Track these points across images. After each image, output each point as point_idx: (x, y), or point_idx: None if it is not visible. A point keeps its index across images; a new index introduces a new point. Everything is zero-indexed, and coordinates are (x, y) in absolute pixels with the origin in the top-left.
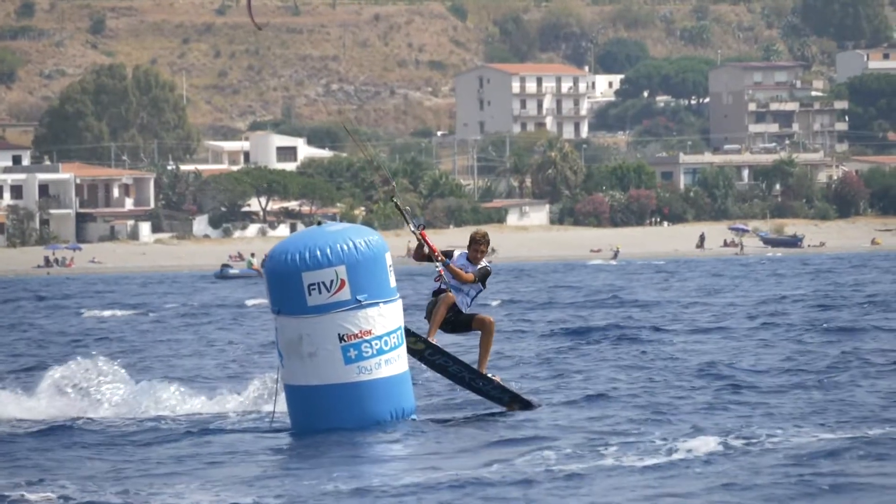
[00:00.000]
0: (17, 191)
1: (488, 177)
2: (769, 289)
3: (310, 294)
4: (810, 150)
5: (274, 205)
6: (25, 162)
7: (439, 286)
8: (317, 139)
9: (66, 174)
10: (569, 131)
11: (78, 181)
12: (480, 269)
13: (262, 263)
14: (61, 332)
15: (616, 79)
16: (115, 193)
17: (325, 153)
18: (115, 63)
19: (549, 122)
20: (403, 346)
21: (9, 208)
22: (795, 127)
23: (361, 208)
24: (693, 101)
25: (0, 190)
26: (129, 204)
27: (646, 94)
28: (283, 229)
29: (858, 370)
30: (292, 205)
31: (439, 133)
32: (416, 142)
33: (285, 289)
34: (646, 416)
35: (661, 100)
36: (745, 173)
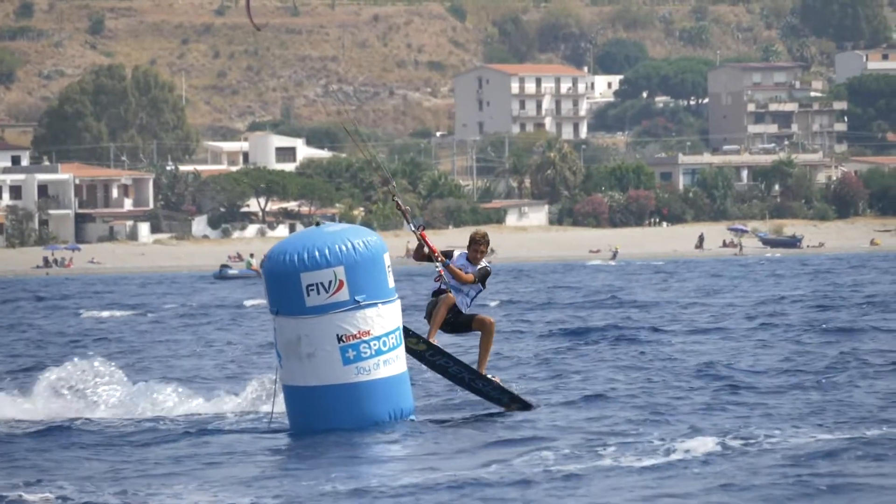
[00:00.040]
0: (16, 191)
1: (487, 177)
2: (768, 289)
3: (308, 295)
4: (809, 150)
5: (273, 205)
6: (24, 162)
7: (439, 286)
8: (316, 140)
9: (65, 175)
10: (568, 132)
11: (77, 182)
12: (480, 270)
13: (261, 264)
14: (60, 333)
15: (615, 79)
16: (114, 194)
17: (324, 154)
18: (115, 63)
19: (549, 122)
20: (402, 347)
21: (8, 209)
22: (794, 127)
23: (360, 209)
24: (692, 102)
25: None
26: (128, 204)
27: (645, 94)
28: (282, 230)
29: (857, 371)
30: (291, 205)
31: (438, 134)
32: (415, 142)
33: (284, 289)
34: (644, 416)
35: (660, 100)
36: (744, 174)
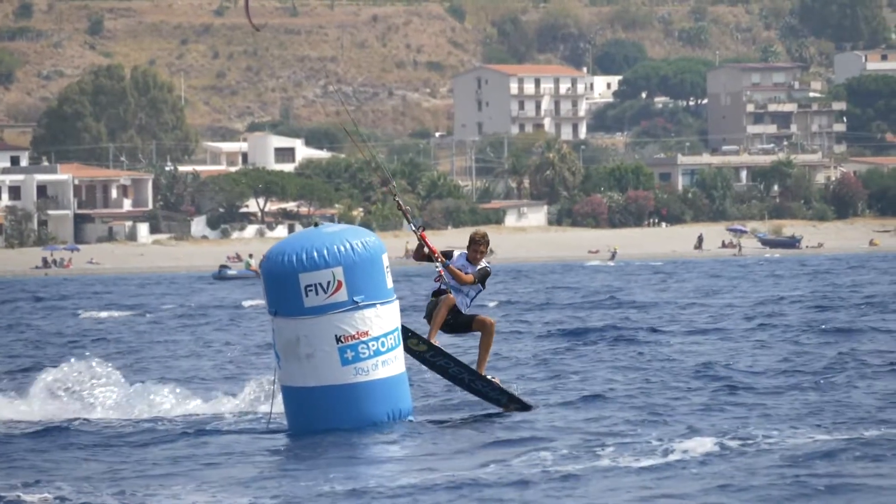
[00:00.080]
0: (15, 192)
1: (486, 178)
2: (767, 290)
3: (307, 295)
4: (808, 151)
5: (272, 206)
6: (23, 163)
7: (439, 286)
8: (315, 140)
9: (64, 175)
10: (567, 132)
11: (76, 182)
12: (480, 270)
13: (260, 264)
14: (58, 333)
15: (614, 80)
16: (114, 194)
17: (323, 154)
18: (114, 64)
19: (548, 123)
20: (401, 348)
21: (7, 209)
22: (793, 128)
23: (359, 209)
24: (691, 102)
25: None
26: (127, 205)
27: (644, 95)
28: (281, 230)
29: (855, 371)
30: (290, 206)
31: (437, 134)
32: (414, 143)
33: (282, 290)
34: (642, 417)
35: (660, 101)
36: (744, 174)
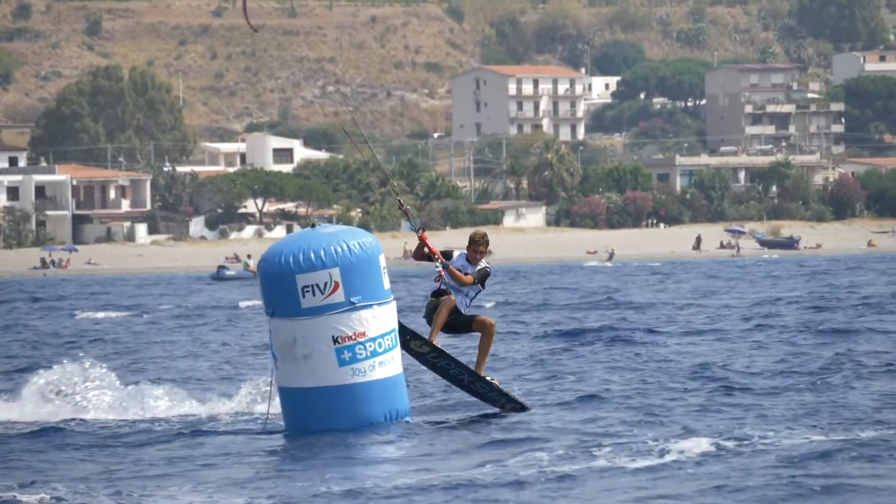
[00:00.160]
0: (13, 192)
1: (485, 178)
2: (764, 290)
3: (304, 296)
4: (807, 152)
5: (270, 206)
6: (22, 163)
7: (439, 286)
8: (313, 141)
9: (62, 175)
10: (565, 133)
11: (74, 183)
12: (480, 271)
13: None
14: (55, 334)
15: (612, 81)
16: (112, 195)
17: (321, 155)
18: (112, 65)
19: (546, 123)
20: (398, 348)
21: (5, 210)
22: (792, 129)
23: (358, 210)
24: (689, 103)
25: None
26: (125, 205)
27: (642, 95)
28: (279, 231)
29: (852, 372)
30: (289, 206)
31: (436, 135)
32: (412, 143)
33: (279, 291)
34: (638, 417)
35: (658, 102)
36: (742, 175)
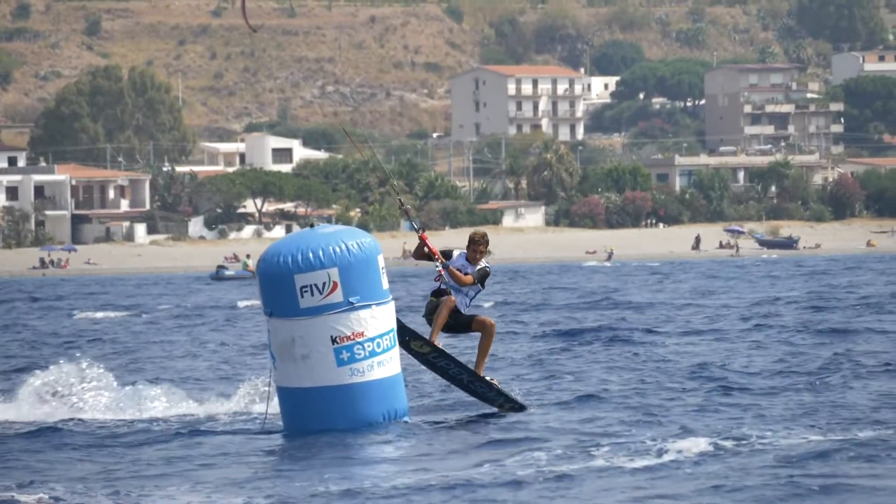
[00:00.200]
0: (12, 192)
1: (484, 178)
2: (763, 290)
3: (302, 296)
4: (806, 152)
5: (269, 206)
6: (21, 163)
7: (439, 286)
8: (312, 141)
9: (61, 175)
10: (564, 133)
11: (73, 182)
12: (480, 271)
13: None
14: (54, 334)
15: (612, 81)
16: (111, 195)
17: (320, 155)
18: (111, 65)
19: (545, 123)
20: (396, 348)
21: (4, 209)
22: (791, 129)
23: (357, 210)
24: (689, 103)
25: None
26: (124, 205)
27: (641, 95)
28: (278, 231)
29: (850, 372)
30: (288, 206)
31: (435, 135)
32: (411, 143)
33: (278, 291)
34: (637, 417)
35: (657, 102)
36: (741, 175)
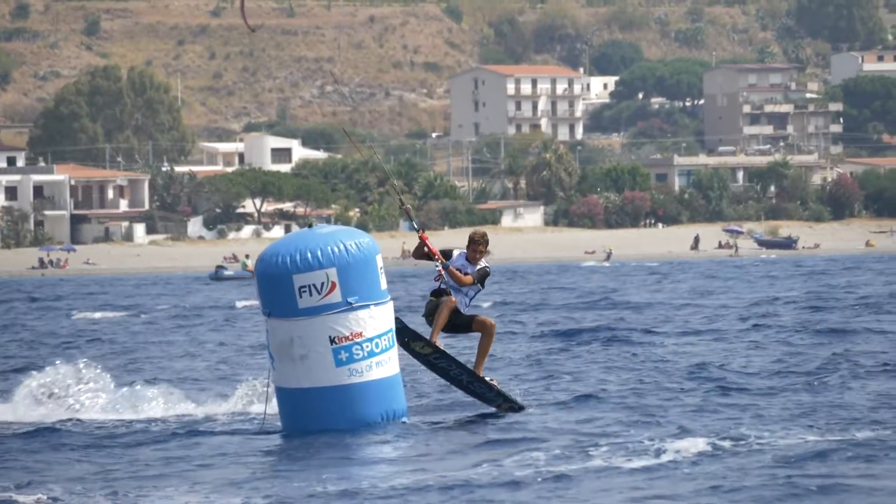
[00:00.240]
0: (11, 192)
1: (483, 178)
2: (762, 290)
3: (300, 296)
4: (805, 152)
5: (269, 206)
6: (20, 163)
7: (438, 286)
8: (311, 141)
9: (60, 175)
10: (563, 133)
11: (72, 182)
12: (479, 271)
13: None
14: (52, 334)
15: (611, 80)
16: (110, 195)
17: (319, 154)
18: (110, 64)
19: (544, 123)
20: (395, 349)
21: (3, 209)
22: (790, 129)
23: (356, 210)
24: (688, 103)
25: None
26: (123, 205)
27: (640, 95)
28: (277, 231)
29: (848, 372)
30: (287, 206)
31: (434, 135)
32: (410, 143)
33: (276, 291)
34: (635, 417)
35: (656, 101)
36: (740, 175)
